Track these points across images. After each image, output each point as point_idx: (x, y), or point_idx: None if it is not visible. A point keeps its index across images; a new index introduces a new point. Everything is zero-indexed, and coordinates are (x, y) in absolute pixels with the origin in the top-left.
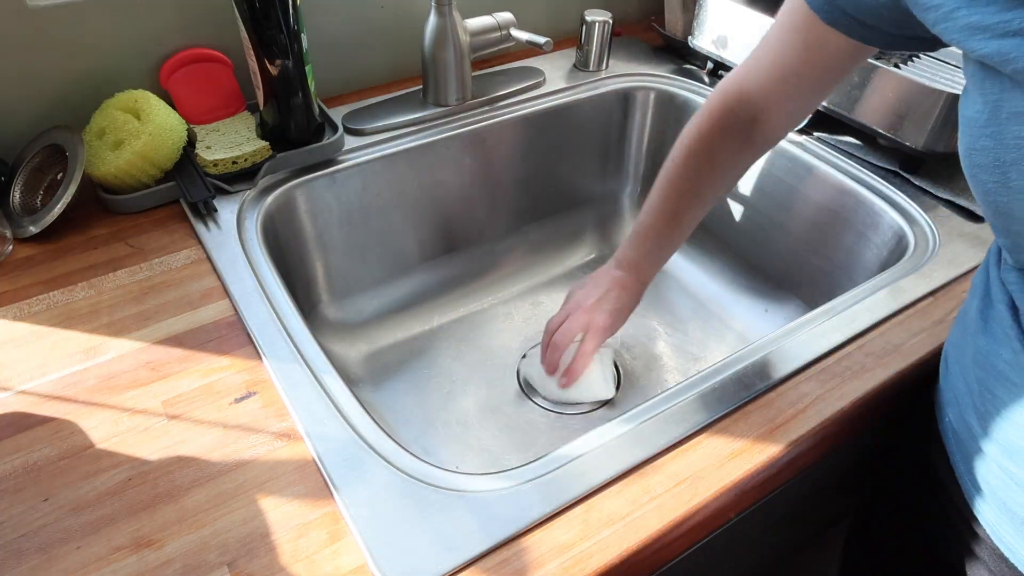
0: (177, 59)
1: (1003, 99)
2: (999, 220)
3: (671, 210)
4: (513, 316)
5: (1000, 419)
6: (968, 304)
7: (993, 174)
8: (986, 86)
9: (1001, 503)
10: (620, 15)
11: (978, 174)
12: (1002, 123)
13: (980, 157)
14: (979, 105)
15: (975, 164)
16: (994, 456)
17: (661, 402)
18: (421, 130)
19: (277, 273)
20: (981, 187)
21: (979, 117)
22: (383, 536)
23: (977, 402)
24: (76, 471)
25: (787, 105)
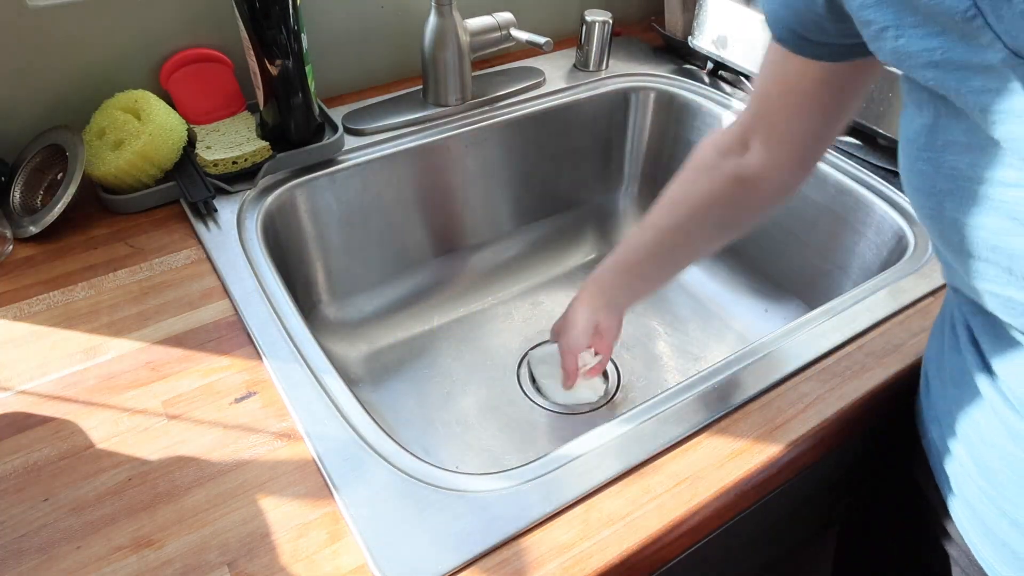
0: (177, 59)
1: (938, 125)
2: (938, 244)
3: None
4: (513, 316)
5: (974, 437)
6: (942, 318)
7: (929, 199)
8: (923, 108)
9: (981, 523)
10: (620, 15)
11: (916, 196)
12: (938, 149)
13: (917, 180)
14: (917, 125)
15: (913, 187)
16: (973, 477)
17: (661, 402)
18: (421, 130)
19: (277, 273)
20: (920, 210)
21: (917, 139)
22: (383, 536)
23: (955, 419)
24: (76, 471)
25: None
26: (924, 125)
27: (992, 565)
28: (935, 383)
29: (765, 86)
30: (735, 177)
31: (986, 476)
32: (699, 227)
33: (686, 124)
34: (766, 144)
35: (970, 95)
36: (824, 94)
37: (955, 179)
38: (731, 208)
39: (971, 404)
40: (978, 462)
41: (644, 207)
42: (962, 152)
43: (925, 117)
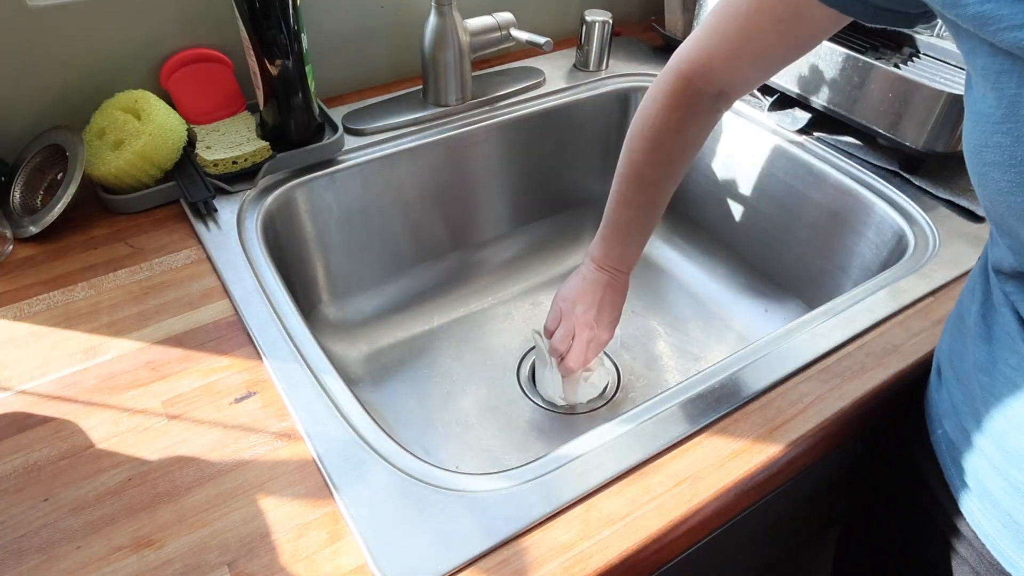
0: (177, 59)
1: (1021, 95)
2: (1008, 221)
3: (646, 200)
4: (513, 316)
5: (1005, 424)
6: (965, 309)
7: (1008, 172)
8: (1001, 81)
9: (1006, 515)
10: (620, 15)
11: (989, 172)
12: (1020, 120)
13: (993, 154)
14: (992, 100)
15: (986, 162)
16: (999, 466)
17: (661, 402)
18: (421, 130)
19: (277, 273)
20: (993, 185)
21: (993, 113)
22: (383, 536)
23: (979, 408)
24: (76, 471)
25: (753, 75)
26: (1003, 97)
27: (1013, 559)
28: (949, 374)
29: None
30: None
31: (1015, 463)
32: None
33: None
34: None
35: None
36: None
37: None
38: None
39: (1005, 390)
40: (1005, 449)
41: None
42: None
43: (1005, 88)
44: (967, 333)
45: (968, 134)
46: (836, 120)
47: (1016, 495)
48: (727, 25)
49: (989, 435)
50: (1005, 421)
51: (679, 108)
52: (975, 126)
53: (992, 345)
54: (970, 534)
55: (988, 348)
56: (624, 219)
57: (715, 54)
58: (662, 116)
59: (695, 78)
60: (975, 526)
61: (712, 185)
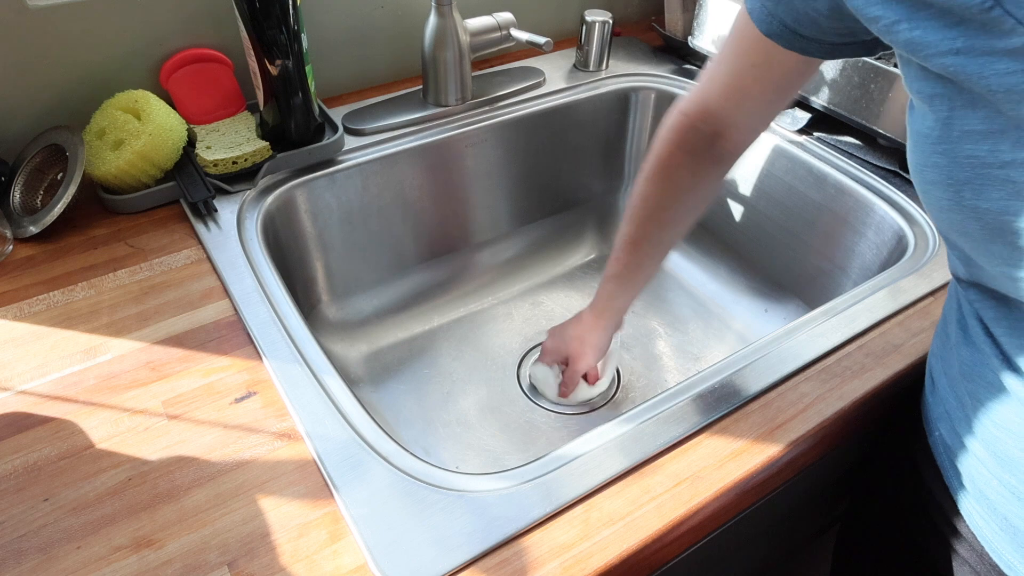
0: (177, 59)
1: (953, 117)
2: (952, 235)
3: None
4: (513, 316)
5: (993, 429)
6: (947, 315)
7: (946, 191)
8: (935, 103)
9: (1003, 519)
10: (620, 15)
11: (931, 191)
12: (954, 141)
13: (932, 174)
14: (930, 121)
15: (927, 181)
16: (993, 470)
17: (661, 402)
18: (421, 130)
19: (277, 273)
20: (935, 203)
21: (931, 133)
22: (383, 536)
23: (969, 415)
24: (76, 471)
25: (746, 119)
26: (938, 119)
27: (1011, 562)
28: (941, 380)
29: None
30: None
31: (1007, 468)
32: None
33: None
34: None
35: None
36: (800, 81)
37: (973, 167)
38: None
39: (988, 396)
40: (997, 455)
41: None
42: (980, 140)
43: (939, 111)
44: (950, 340)
45: (910, 154)
46: (836, 120)
47: (1012, 499)
48: (717, 67)
49: (981, 440)
50: (994, 427)
51: (675, 143)
52: (916, 146)
53: (971, 351)
54: (970, 536)
55: (968, 354)
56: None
57: (709, 94)
58: (660, 148)
59: (694, 116)
60: (974, 528)
61: None
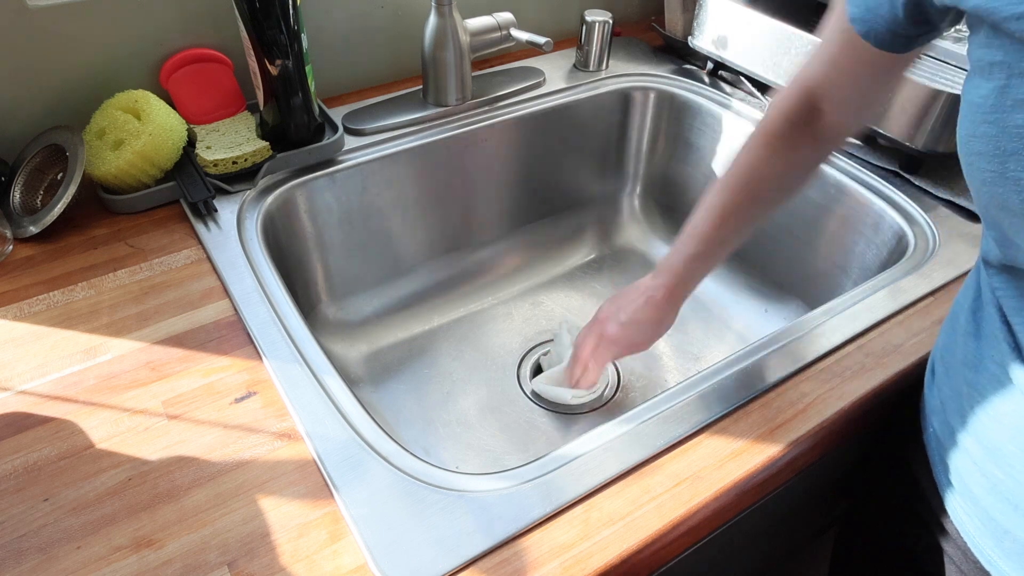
0: (177, 59)
1: (1010, 84)
2: (992, 211)
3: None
4: (513, 316)
5: (988, 420)
6: (959, 306)
7: (991, 162)
8: (994, 71)
9: (984, 512)
10: (620, 15)
11: (975, 162)
12: (1006, 110)
13: (979, 144)
14: (984, 90)
15: (973, 151)
16: (978, 462)
17: (661, 402)
18: (421, 130)
19: (277, 273)
20: (978, 175)
21: (984, 102)
22: (383, 536)
23: (964, 405)
24: (76, 471)
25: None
26: (993, 88)
27: (991, 558)
28: (940, 369)
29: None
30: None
31: (994, 459)
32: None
33: (686, 124)
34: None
35: None
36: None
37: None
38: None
39: (989, 386)
40: (986, 446)
41: (644, 207)
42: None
43: (996, 79)
44: (958, 330)
45: (960, 124)
46: None
47: (994, 492)
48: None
49: (972, 431)
50: (987, 417)
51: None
52: (966, 115)
53: (980, 342)
54: (955, 533)
55: (976, 344)
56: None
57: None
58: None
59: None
60: (959, 524)
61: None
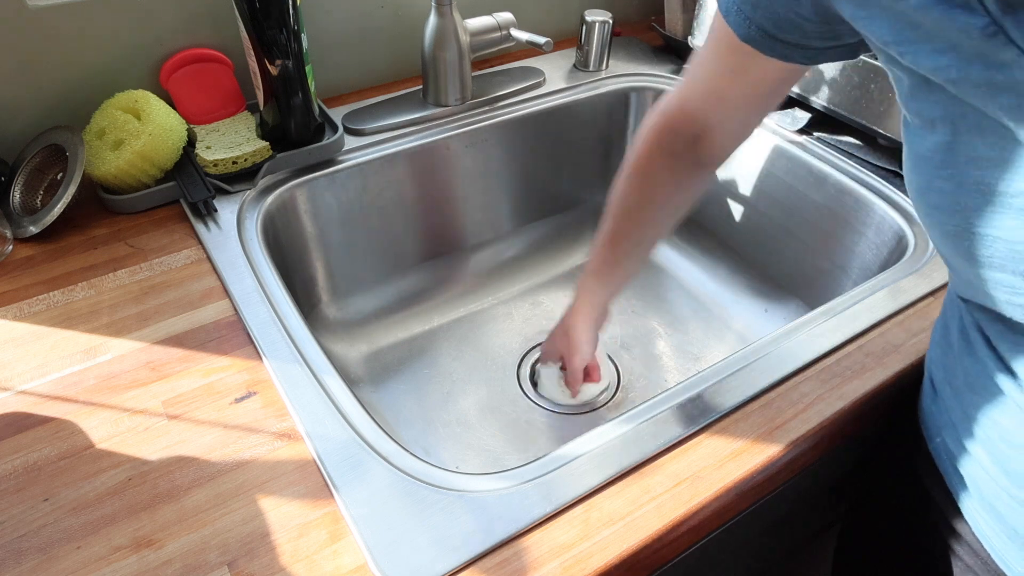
0: (177, 59)
1: (958, 141)
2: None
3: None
4: (513, 316)
5: (1003, 446)
6: (948, 320)
7: (954, 217)
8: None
9: (1012, 530)
10: (620, 15)
11: (934, 214)
12: (960, 166)
13: (937, 198)
14: (930, 143)
15: (931, 205)
16: (1001, 483)
17: (661, 402)
18: (421, 130)
19: (277, 273)
20: (939, 228)
21: (933, 157)
22: (383, 536)
23: (975, 427)
24: (76, 471)
25: (727, 124)
26: (940, 143)
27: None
28: (945, 388)
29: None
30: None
31: (1011, 478)
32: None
33: None
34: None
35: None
36: (783, 89)
37: (983, 194)
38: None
39: (993, 408)
40: (1005, 469)
41: None
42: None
43: (940, 135)
44: (953, 348)
45: (910, 174)
46: (836, 120)
47: (1015, 504)
48: (696, 69)
49: (988, 454)
50: (1001, 441)
51: (653, 144)
52: (915, 168)
53: (974, 362)
54: (975, 542)
55: (971, 365)
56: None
57: (689, 96)
58: (640, 149)
59: (674, 117)
60: (980, 535)
61: (712, 185)
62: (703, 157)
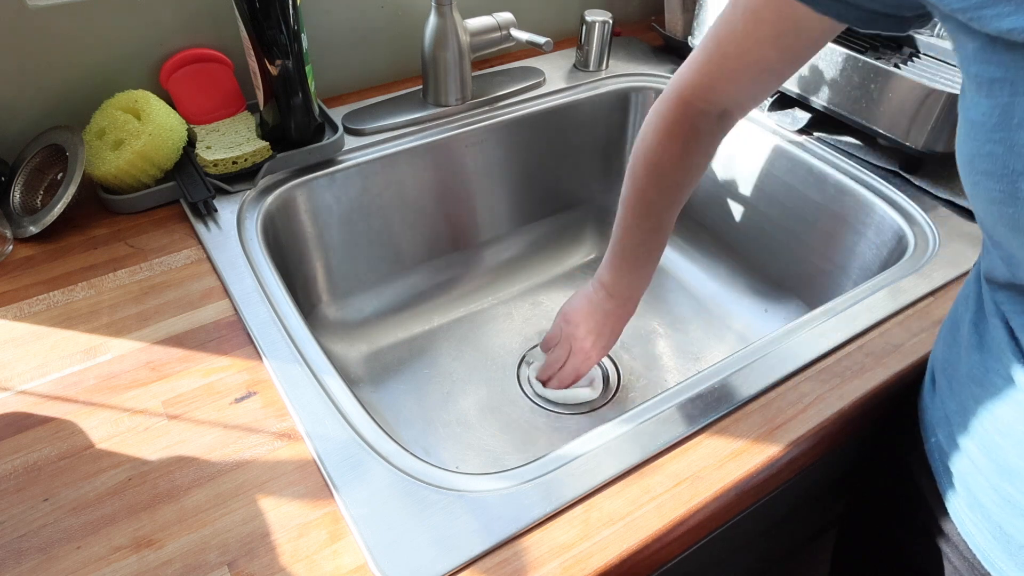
0: (177, 59)
1: (1015, 103)
2: (999, 231)
3: (653, 226)
4: (513, 316)
5: (998, 438)
6: (959, 316)
7: (1001, 182)
8: (995, 89)
9: (996, 527)
10: (620, 15)
11: (982, 181)
12: (1013, 128)
13: (986, 164)
14: (985, 108)
15: (979, 171)
16: (989, 477)
17: (661, 402)
18: (421, 130)
19: (277, 273)
20: (985, 195)
21: (986, 121)
22: (383, 536)
23: (972, 421)
24: (76, 471)
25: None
26: (996, 105)
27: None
28: (943, 382)
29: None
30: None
31: (1006, 477)
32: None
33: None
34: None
35: None
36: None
37: None
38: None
39: (996, 402)
40: (997, 463)
41: None
42: None
43: (997, 97)
44: (961, 342)
45: (961, 142)
46: (836, 120)
47: (1007, 506)
48: (725, 46)
49: (980, 447)
50: (996, 434)
51: (683, 133)
52: (968, 134)
53: (984, 355)
54: (961, 544)
55: (980, 358)
56: (632, 245)
57: (716, 75)
58: (666, 143)
59: (697, 101)
60: (966, 536)
61: (712, 185)
62: (728, 124)
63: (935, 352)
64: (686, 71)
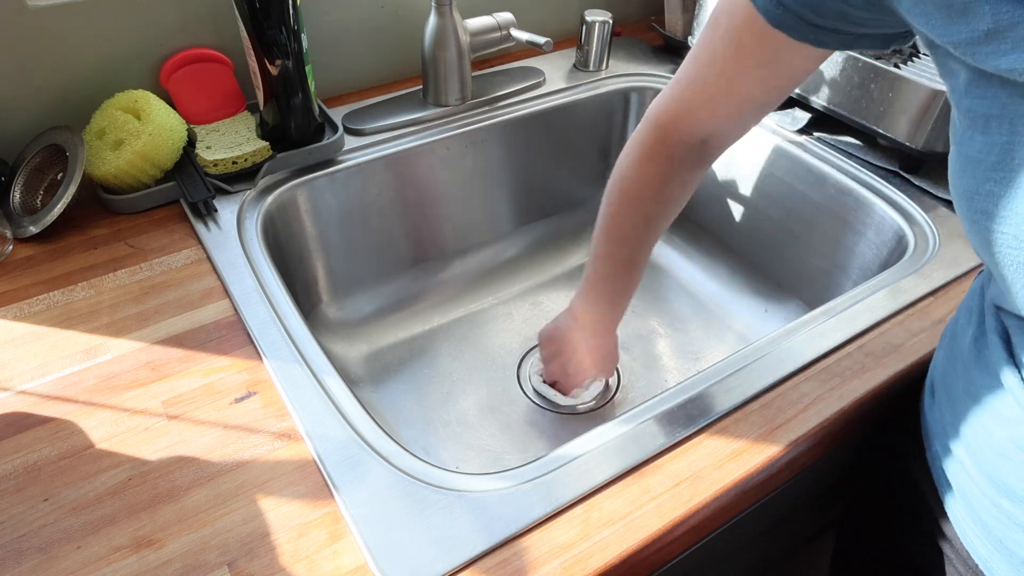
0: (177, 59)
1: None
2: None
3: (626, 256)
4: (513, 316)
5: (996, 458)
6: (961, 330)
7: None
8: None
9: (998, 541)
10: (620, 15)
11: (981, 221)
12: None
13: (986, 203)
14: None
15: (978, 210)
16: (989, 495)
17: (661, 402)
18: (421, 130)
19: (277, 273)
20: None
21: (984, 158)
22: (383, 536)
23: (969, 436)
24: (76, 471)
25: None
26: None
27: None
28: (942, 395)
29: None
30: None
31: (1005, 495)
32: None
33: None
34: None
35: None
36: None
37: None
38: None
39: (992, 421)
40: (995, 482)
41: None
42: None
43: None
44: (960, 355)
45: (956, 176)
46: (836, 120)
47: (1007, 522)
48: (704, 73)
49: (977, 463)
50: (992, 453)
51: (659, 161)
52: (963, 169)
53: (981, 372)
54: (964, 552)
55: (978, 374)
56: (605, 274)
57: (694, 103)
58: (642, 169)
59: (675, 130)
60: (969, 546)
61: (712, 185)
62: (707, 156)
63: (936, 360)
64: (664, 96)
